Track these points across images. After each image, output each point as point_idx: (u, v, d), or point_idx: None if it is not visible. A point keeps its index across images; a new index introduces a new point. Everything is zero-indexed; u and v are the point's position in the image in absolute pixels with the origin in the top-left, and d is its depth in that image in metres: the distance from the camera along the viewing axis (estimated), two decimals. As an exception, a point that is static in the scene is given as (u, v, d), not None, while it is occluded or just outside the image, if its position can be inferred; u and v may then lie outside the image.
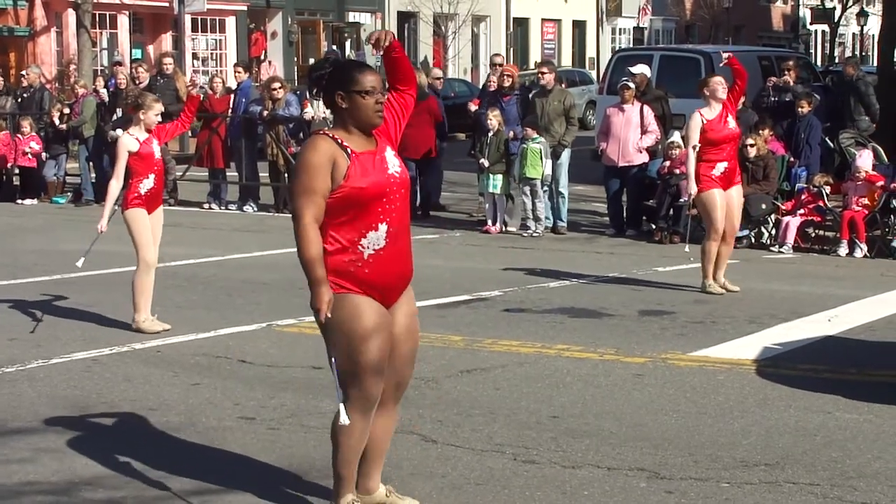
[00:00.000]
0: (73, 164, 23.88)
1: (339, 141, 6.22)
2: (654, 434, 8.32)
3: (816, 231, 17.32)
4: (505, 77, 19.79)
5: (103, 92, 23.27)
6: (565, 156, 18.75)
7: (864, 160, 17.16)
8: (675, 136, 18.27)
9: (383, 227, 6.25)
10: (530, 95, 19.83)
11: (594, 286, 14.19)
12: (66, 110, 22.77)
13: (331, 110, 6.42)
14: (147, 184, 11.48)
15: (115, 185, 11.51)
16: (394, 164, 6.35)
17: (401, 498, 6.81)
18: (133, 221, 11.48)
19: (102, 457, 7.72)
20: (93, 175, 22.46)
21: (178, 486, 7.22)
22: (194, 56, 43.72)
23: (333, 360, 6.24)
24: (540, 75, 19.39)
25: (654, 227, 18.16)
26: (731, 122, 13.70)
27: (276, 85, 21.29)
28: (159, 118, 11.75)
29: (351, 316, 6.21)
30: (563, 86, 20.23)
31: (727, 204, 13.54)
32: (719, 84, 13.63)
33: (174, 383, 9.65)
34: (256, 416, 8.72)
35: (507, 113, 19.21)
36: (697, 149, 13.44)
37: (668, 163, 17.97)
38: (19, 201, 22.54)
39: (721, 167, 13.48)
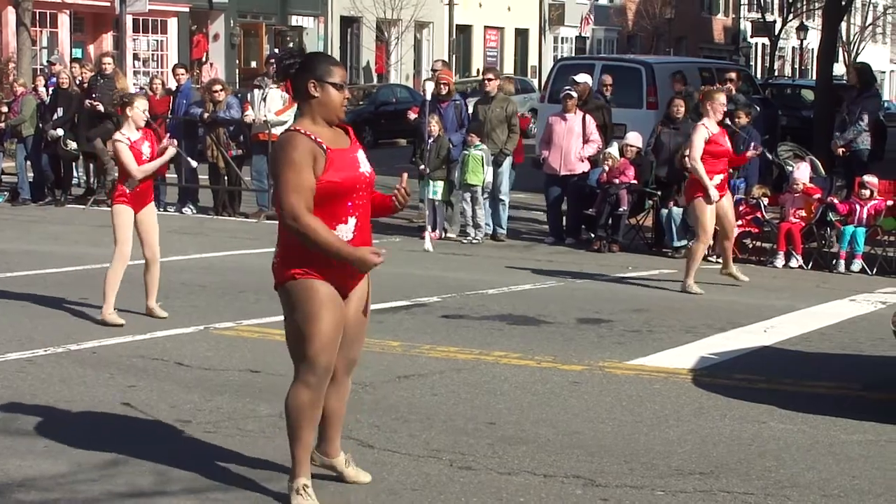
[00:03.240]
0: (9, 164, 23.65)
1: (313, 137, 6.47)
2: (590, 442, 8.35)
3: (754, 242, 17.43)
4: (441, 86, 19.58)
5: (42, 91, 23.06)
6: (507, 163, 18.78)
7: (802, 172, 17.30)
8: (612, 148, 18.41)
9: (352, 221, 6.60)
10: (474, 102, 19.83)
11: (533, 293, 14.21)
12: (4, 109, 22.55)
13: (296, 98, 6.68)
14: (132, 183, 11.68)
15: (138, 172, 11.69)
16: (365, 164, 6.70)
17: (357, 470, 7.25)
18: (116, 216, 11.83)
19: (36, 458, 7.65)
20: (30, 174, 22.26)
21: (112, 488, 7.16)
22: (135, 57, 43.46)
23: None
24: (486, 82, 19.39)
25: (592, 236, 18.23)
26: (727, 141, 14.54)
27: (218, 87, 21.22)
28: (147, 114, 11.99)
29: (305, 297, 6.55)
30: (512, 87, 20.19)
31: (722, 205, 14.25)
32: (721, 108, 14.41)
33: (110, 385, 9.58)
34: (192, 418, 8.67)
35: (444, 119, 19.17)
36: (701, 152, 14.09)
37: (606, 167, 18.04)
38: (-47, 200, 22.32)
39: (717, 179, 14.15)
